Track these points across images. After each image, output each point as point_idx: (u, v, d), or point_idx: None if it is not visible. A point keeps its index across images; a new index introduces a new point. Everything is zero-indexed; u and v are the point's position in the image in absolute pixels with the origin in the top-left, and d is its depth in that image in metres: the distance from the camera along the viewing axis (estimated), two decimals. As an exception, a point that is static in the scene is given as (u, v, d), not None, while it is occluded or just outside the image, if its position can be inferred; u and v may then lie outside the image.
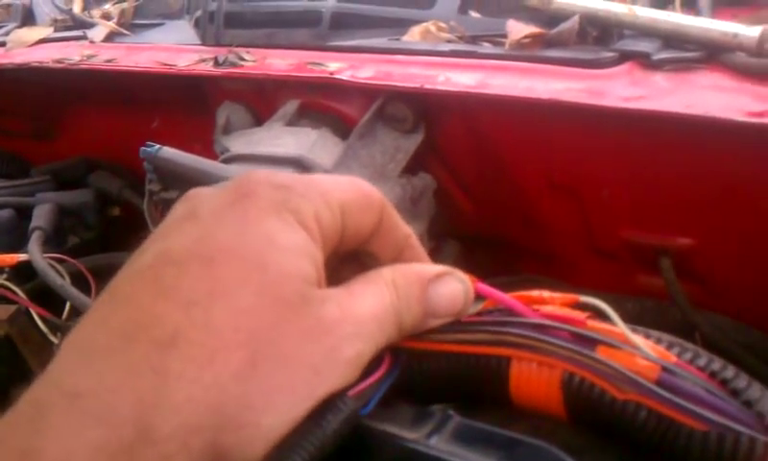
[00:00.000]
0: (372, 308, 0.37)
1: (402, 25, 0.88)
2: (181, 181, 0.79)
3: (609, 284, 0.84)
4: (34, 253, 0.95)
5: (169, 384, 0.29)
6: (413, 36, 0.85)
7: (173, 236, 0.33)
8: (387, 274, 0.39)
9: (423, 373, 0.49)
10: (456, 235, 0.87)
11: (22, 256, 0.96)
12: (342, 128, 0.85)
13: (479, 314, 0.46)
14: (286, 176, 0.36)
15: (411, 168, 0.82)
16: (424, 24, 0.86)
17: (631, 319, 0.50)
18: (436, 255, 0.84)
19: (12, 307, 0.92)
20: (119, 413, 0.28)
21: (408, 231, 0.41)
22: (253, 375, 0.31)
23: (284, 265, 0.33)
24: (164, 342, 0.30)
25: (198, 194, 0.35)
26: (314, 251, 0.35)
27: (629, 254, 0.81)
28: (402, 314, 0.39)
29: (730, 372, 0.40)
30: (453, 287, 0.42)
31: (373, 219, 0.38)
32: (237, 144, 0.84)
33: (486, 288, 0.45)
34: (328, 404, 0.42)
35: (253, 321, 0.31)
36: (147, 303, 0.30)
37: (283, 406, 0.32)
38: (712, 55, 0.69)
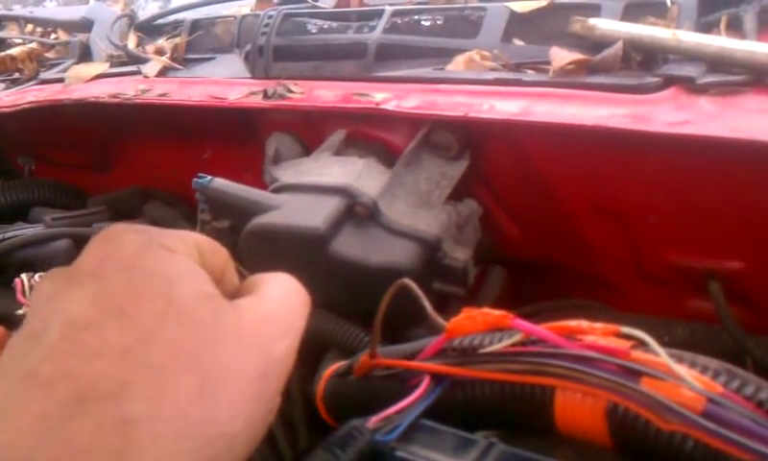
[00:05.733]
0: (282, 301, 0.40)
1: (446, 54, 0.89)
2: (232, 210, 0.82)
3: (658, 308, 0.83)
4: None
5: (133, 430, 0.30)
6: (457, 66, 0.86)
7: (66, 306, 0.33)
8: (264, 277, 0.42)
9: (467, 400, 0.50)
10: (503, 261, 0.87)
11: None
12: (388, 156, 0.86)
13: (523, 344, 0.47)
14: (138, 226, 0.38)
15: (456, 195, 0.83)
16: (468, 53, 0.87)
17: (681, 343, 0.50)
18: (482, 281, 0.85)
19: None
20: None
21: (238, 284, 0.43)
22: (207, 392, 0.33)
23: (186, 290, 0.35)
24: (116, 394, 0.31)
25: (62, 269, 0.35)
26: (201, 270, 0.37)
27: (678, 277, 0.80)
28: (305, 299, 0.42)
29: (778, 400, 0.40)
30: None
31: (222, 263, 0.40)
32: (286, 174, 0.86)
33: (521, 323, 0.45)
34: (345, 435, 0.44)
35: (187, 347, 0.33)
36: (81, 368, 0.31)
37: (243, 412, 0.35)
38: (759, 78, 0.68)
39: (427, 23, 0.95)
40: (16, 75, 1.37)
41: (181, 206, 1.18)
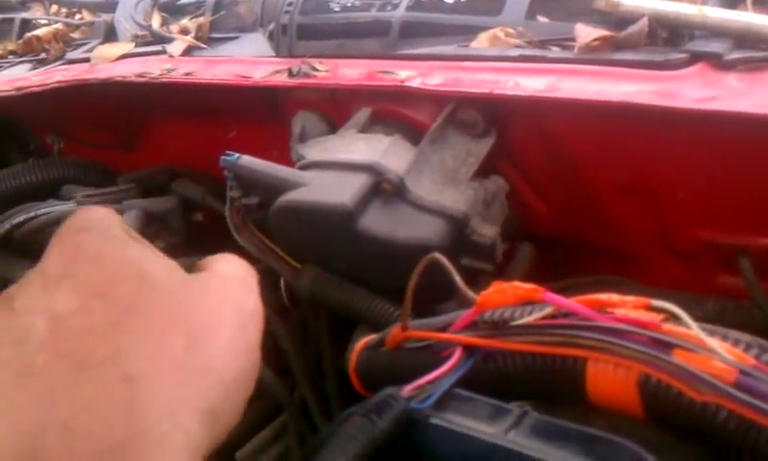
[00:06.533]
0: (234, 268, 0.44)
1: (471, 32, 0.89)
2: (260, 187, 0.83)
3: (687, 284, 0.83)
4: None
5: (137, 385, 0.33)
6: (481, 43, 0.87)
7: (47, 305, 0.35)
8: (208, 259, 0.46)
9: (499, 372, 0.51)
10: (530, 237, 0.88)
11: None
12: (414, 134, 0.87)
13: (554, 317, 0.48)
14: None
15: (483, 171, 0.83)
16: (492, 30, 0.87)
17: (711, 319, 0.51)
18: (510, 258, 0.86)
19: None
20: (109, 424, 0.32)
21: None
22: (197, 347, 0.37)
23: (153, 266, 0.39)
24: (114, 357, 0.33)
25: (28, 283, 0.37)
26: (154, 249, 0.41)
27: (707, 253, 0.80)
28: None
29: (809, 372, 0.40)
30: None
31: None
32: (312, 152, 0.87)
33: (552, 296, 0.46)
34: (381, 402, 0.45)
35: (170, 312, 0.37)
36: (75, 347, 0.33)
37: (234, 361, 0.38)
38: (786, 53, 0.68)
39: (451, 0, 0.95)
40: (43, 55, 1.39)
41: (209, 183, 1.19)
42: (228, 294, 0.41)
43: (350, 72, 0.91)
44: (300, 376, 0.94)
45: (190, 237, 1.18)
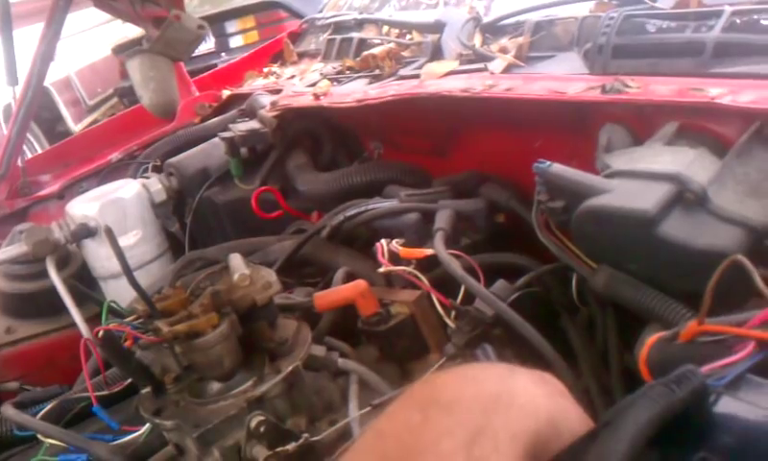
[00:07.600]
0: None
1: (787, 51, 0.90)
2: (567, 192, 0.92)
3: None
4: (439, 248, 1.13)
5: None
6: (799, 63, 0.88)
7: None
8: None
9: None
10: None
11: (429, 251, 1.14)
12: (719, 148, 0.90)
13: None
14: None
15: (788, 187, 0.84)
16: (811, 50, 0.88)
17: None
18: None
19: (417, 292, 1.11)
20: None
21: None
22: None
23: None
24: None
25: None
26: None
27: None
28: None
29: None
30: None
31: None
32: (618, 161, 0.94)
33: None
34: (680, 375, 0.51)
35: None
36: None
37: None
38: None
39: (767, 22, 0.96)
40: (377, 71, 1.59)
41: (513, 188, 1.30)
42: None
43: (661, 89, 0.97)
44: (587, 369, 1.00)
45: (492, 236, 1.30)
